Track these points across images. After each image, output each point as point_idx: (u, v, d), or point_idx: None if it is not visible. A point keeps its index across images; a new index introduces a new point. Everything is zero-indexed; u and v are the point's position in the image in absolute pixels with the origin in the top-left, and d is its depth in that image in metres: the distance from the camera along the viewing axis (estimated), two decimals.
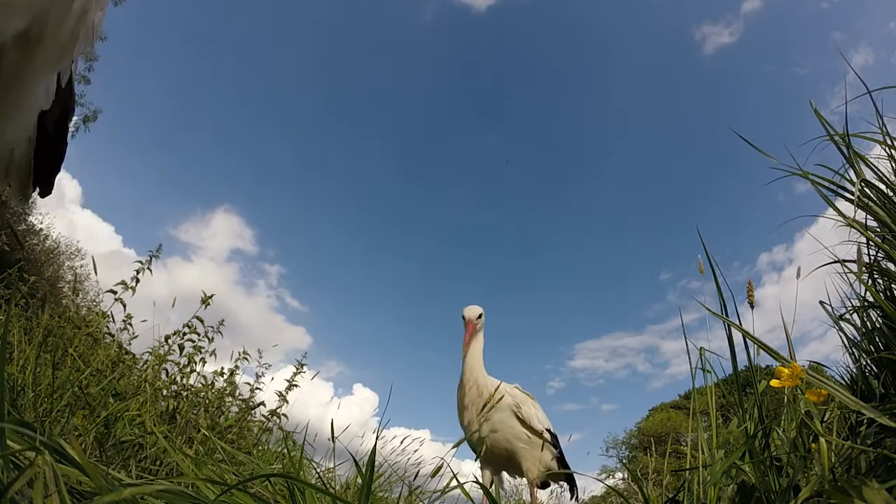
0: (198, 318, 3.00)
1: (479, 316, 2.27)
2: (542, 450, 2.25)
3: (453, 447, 1.69)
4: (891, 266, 1.19)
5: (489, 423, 2.17)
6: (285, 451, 2.18)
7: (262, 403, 3.08)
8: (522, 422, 2.25)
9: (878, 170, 1.24)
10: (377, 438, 1.99)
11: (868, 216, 1.20)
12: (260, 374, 3.31)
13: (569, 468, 2.42)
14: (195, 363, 2.91)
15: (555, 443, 2.38)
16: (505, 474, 2.64)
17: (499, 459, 2.29)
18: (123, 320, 2.92)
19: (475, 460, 2.49)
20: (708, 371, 1.41)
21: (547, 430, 2.33)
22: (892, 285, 1.20)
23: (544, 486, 2.47)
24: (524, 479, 2.43)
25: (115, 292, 2.81)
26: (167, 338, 2.88)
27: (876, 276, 1.25)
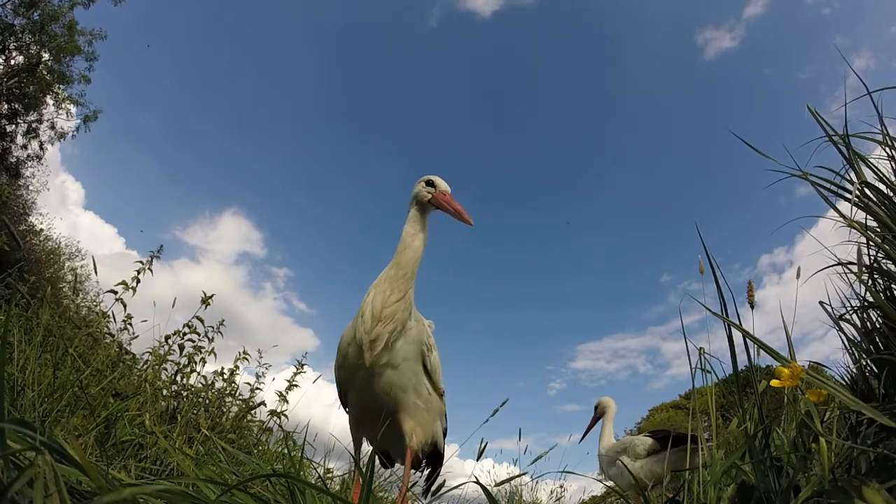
0: (198, 318, 3.01)
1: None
2: (435, 418, 1.72)
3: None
4: (891, 266, 1.19)
5: (392, 354, 1.57)
6: (286, 451, 2.17)
7: (263, 403, 3.08)
8: (427, 372, 1.70)
9: (879, 170, 1.24)
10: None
11: (868, 217, 1.20)
12: (260, 374, 3.31)
13: (443, 451, 1.93)
14: (195, 363, 2.92)
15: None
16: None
17: (375, 417, 1.65)
18: (123, 320, 2.92)
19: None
20: (708, 371, 1.42)
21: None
22: (892, 286, 1.19)
23: (418, 464, 1.96)
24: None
25: (115, 292, 2.81)
26: (167, 338, 2.88)
27: (876, 277, 1.25)
